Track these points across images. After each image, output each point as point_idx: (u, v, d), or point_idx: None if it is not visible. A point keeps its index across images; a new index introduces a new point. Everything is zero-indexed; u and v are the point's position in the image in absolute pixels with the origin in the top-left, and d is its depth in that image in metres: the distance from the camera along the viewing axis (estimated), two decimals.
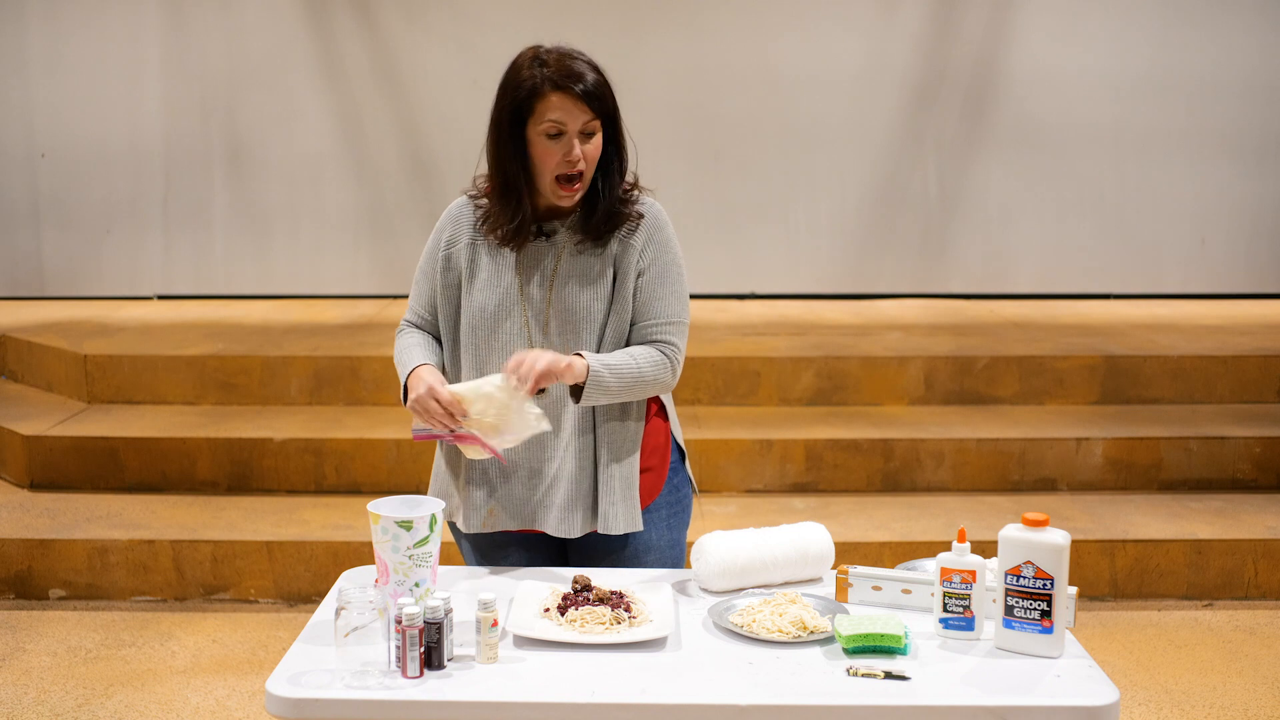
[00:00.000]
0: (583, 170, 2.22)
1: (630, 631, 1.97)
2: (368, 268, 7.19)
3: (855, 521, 4.38)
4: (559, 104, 2.18)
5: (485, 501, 2.33)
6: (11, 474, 4.87)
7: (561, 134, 2.19)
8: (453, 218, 2.37)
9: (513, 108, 2.20)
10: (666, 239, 2.32)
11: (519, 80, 2.20)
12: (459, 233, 2.34)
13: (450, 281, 2.35)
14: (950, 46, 7.03)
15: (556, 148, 2.20)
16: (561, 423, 2.29)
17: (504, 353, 2.28)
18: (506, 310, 2.29)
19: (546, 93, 2.18)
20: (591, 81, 2.19)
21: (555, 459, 2.30)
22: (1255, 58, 7.03)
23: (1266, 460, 4.74)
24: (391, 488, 4.61)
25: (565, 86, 2.17)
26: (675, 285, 2.31)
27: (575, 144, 2.19)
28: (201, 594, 4.23)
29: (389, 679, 1.83)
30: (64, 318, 6.45)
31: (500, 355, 2.28)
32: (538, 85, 2.18)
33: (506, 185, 2.25)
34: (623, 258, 2.28)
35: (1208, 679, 3.63)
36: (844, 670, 1.87)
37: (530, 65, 2.20)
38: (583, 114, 2.19)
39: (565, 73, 2.18)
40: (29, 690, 3.54)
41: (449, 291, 2.35)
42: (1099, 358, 5.28)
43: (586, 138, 2.21)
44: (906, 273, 7.18)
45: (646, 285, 2.29)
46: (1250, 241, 7.20)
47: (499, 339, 2.30)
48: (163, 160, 7.14)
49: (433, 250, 2.37)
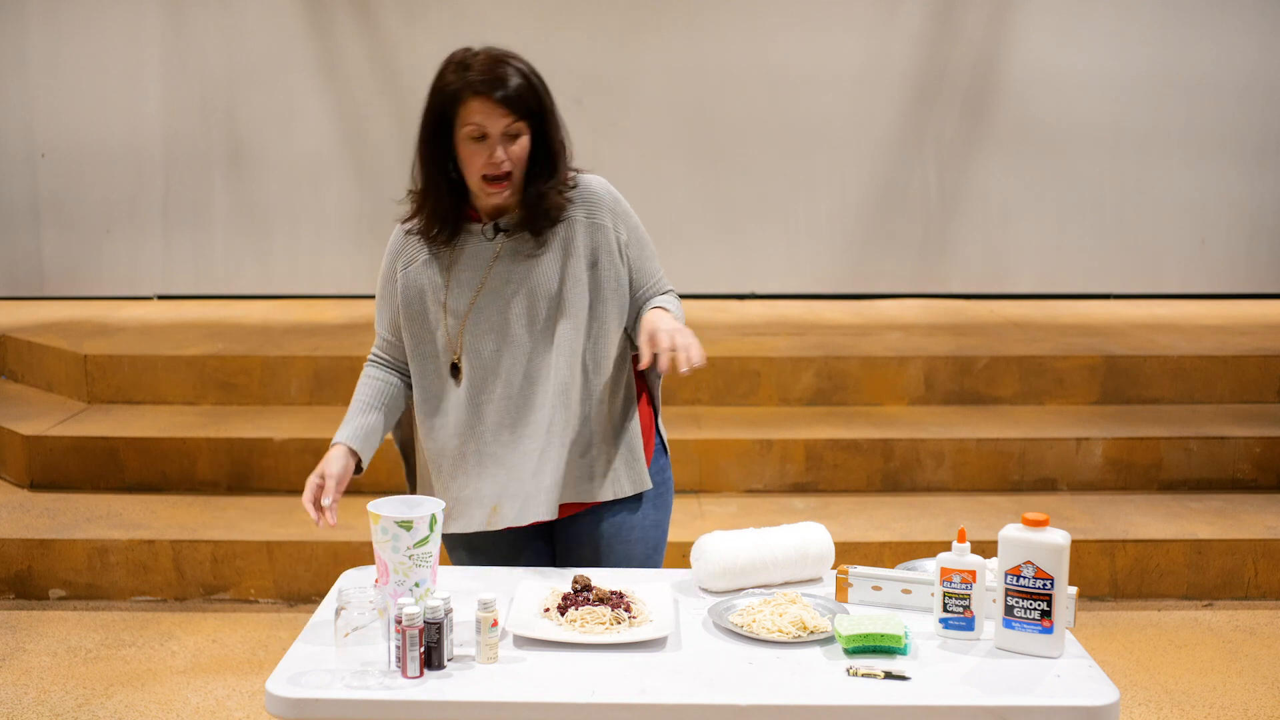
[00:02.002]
0: (508, 170, 2.25)
1: (630, 631, 1.97)
2: (368, 268, 7.18)
3: (855, 521, 4.38)
4: (479, 109, 2.20)
5: (488, 499, 2.33)
6: (11, 474, 4.87)
7: (485, 137, 2.22)
8: (403, 240, 2.40)
9: (437, 112, 2.24)
10: (624, 205, 2.39)
11: (443, 85, 2.24)
12: (414, 253, 2.38)
13: (412, 299, 2.36)
14: (950, 46, 7.02)
15: (480, 150, 2.23)
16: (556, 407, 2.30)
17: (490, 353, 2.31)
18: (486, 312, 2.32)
19: (467, 98, 2.20)
20: (513, 86, 2.21)
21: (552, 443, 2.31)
22: (1255, 58, 7.03)
23: (1266, 460, 4.75)
24: (391, 488, 4.60)
25: (484, 92, 2.20)
26: (650, 245, 2.42)
27: (498, 147, 2.22)
28: (201, 594, 4.23)
29: (389, 679, 1.83)
30: (64, 318, 6.45)
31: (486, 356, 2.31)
32: (458, 91, 2.21)
33: (438, 192, 2.30)
34: (596, 235, 2.33)
35: (1208, 679, 3.63)
36: (844, 670, 1.87)
37: (454, 70, 2.23)
38: (504, 118, 2.21)
39: (487, 78, 2.20)
40: (29, 690, 3.54)
41: (411, 309, 2.37)
42: (1099, 358, 5.28)
43: (511, 139, 2.23)
44: (906, 273, 7.18)
45: (633, 255, 2.37)
46: (1250, 241, 7.20)
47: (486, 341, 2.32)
48: (163, 160, 7.14)
49: (389, 275, 2.40)
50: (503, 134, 2.22)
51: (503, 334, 2.32)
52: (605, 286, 2.34)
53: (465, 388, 2.33)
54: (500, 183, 2.25)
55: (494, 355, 2.32)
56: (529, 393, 2.31)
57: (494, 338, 2.32)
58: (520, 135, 2.24)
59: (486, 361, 2.32)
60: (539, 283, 2.31)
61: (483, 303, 2.32)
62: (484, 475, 2.34)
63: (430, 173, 2.29)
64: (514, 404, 2.32)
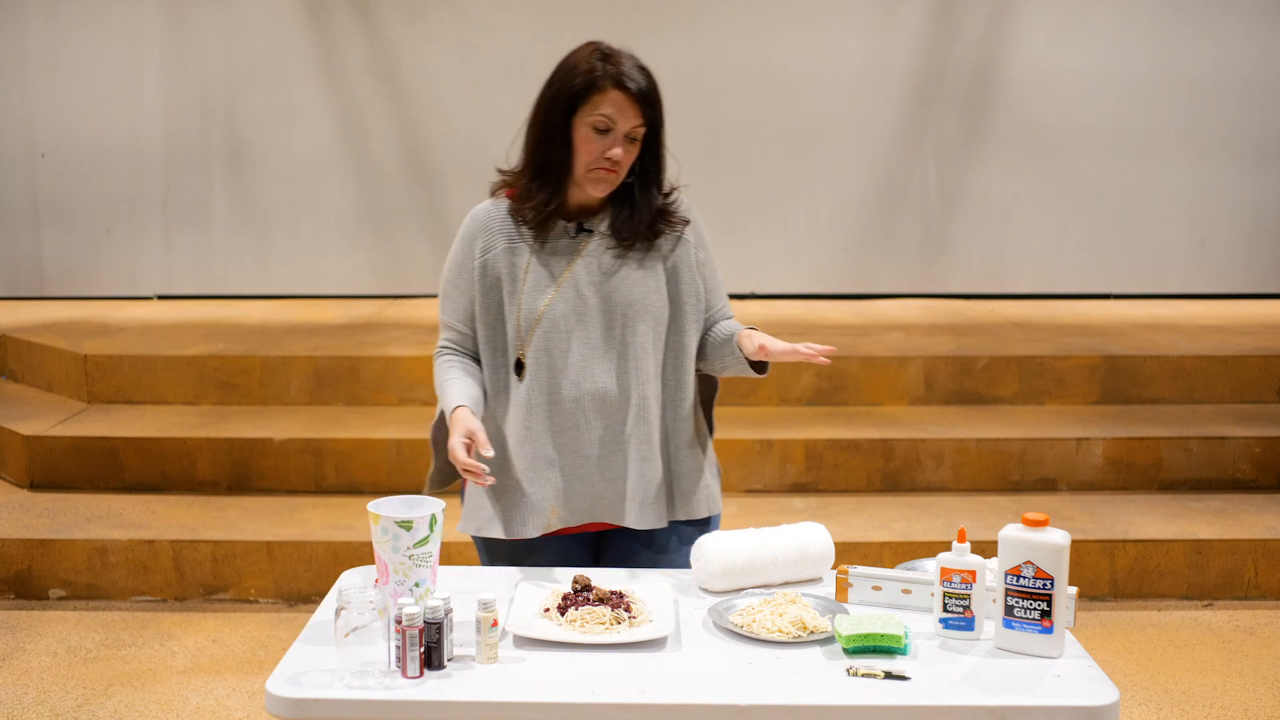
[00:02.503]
0: (619, 170, 2.25)
1: (630, 631, 1.97)
2: (368, 268, 7.19)
3: (855, 521, 4.38)
4: (615, 101, 2.21)
5: (547, 502, 2.31)
6: (11, 474, 4.87)
7: (609, 130, 2.21)
8: (485, 225, 2.34)
9: (568, 94, 2.22)
10: (704, 232, 2.43)
11: (577, 69, 2.23)
12: (493, 239, 2.32)
13: (489, 289, 2.31)
14: (950, 46, 7.02)
15: (600, 143, 2.22)
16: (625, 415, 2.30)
17: (559, 351, 2.28)
18: (556, 310, 2.28)
19: (606, 88, 2.20)
20: (647, 87, 2.23)
21: (619, 450, 2.30)
22: (1255, 58, 7.03)
23: (1266, 460, 4.74)
24: (391, 488, 4.61)
25: (624, 86, 2.21)
26: (719, 271, 2.47)
27: (619, 144, 2.22)
28: (201, 594, 4.23)
29: (389, 679, 1.83)
30: (64, 318, 6.44)
31: (555, 354, 2.28)
32: (597, 79, 2.21)
33: (545, 167, 2.27)
34: (678, 249, 2.35)
35: (1208, 679, 3.63)
36: (844, 670, 1.87)
37: (591, 58, 2.23)
38: (634, 117, 2.22)
39: (626, 73, 2.21)
40: (29, 690, 3.54)
41: (490, 299, 2.31)
42: (1099, 358, 5.28)
43: (630, 142, 2.24)
44: (906, 273, 7.18)
45: (708, 277, 2.40)
46: (1250, 241, 7.20)
47: (554, 338, 2.28)
48: (163, 160, 7.14)
49: (464, 262, 2.33)
50: (626, 134, 2.22)
51: (575, 336, 2.29)
52: (686, 301, 2.35)
53: (528, 385, 2.29)
54: (611, 172, 2.24)
55: (563, 356, 2.28)
56: (600, 399, 2.29)
57: (565, 338, 2.29)
58: (636, 141, 2.25)
59: (555, 362, 2.28)
60: (617, 288, 2.29)
61: (558, 302, 2.29)
62: (540, 479, 2.31)
63: (553, 153, 2.26)
64: (582, 408, 2.29)
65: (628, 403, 2.30)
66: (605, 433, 2.30)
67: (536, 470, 2.30)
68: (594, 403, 2.29)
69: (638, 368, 2.29)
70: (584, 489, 2.32)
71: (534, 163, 2.29)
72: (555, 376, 2.29)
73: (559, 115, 2.24)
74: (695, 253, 2.38)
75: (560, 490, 2.31)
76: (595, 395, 2.29)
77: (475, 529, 2.38)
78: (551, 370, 2.29)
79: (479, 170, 8.30)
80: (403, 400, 5.25)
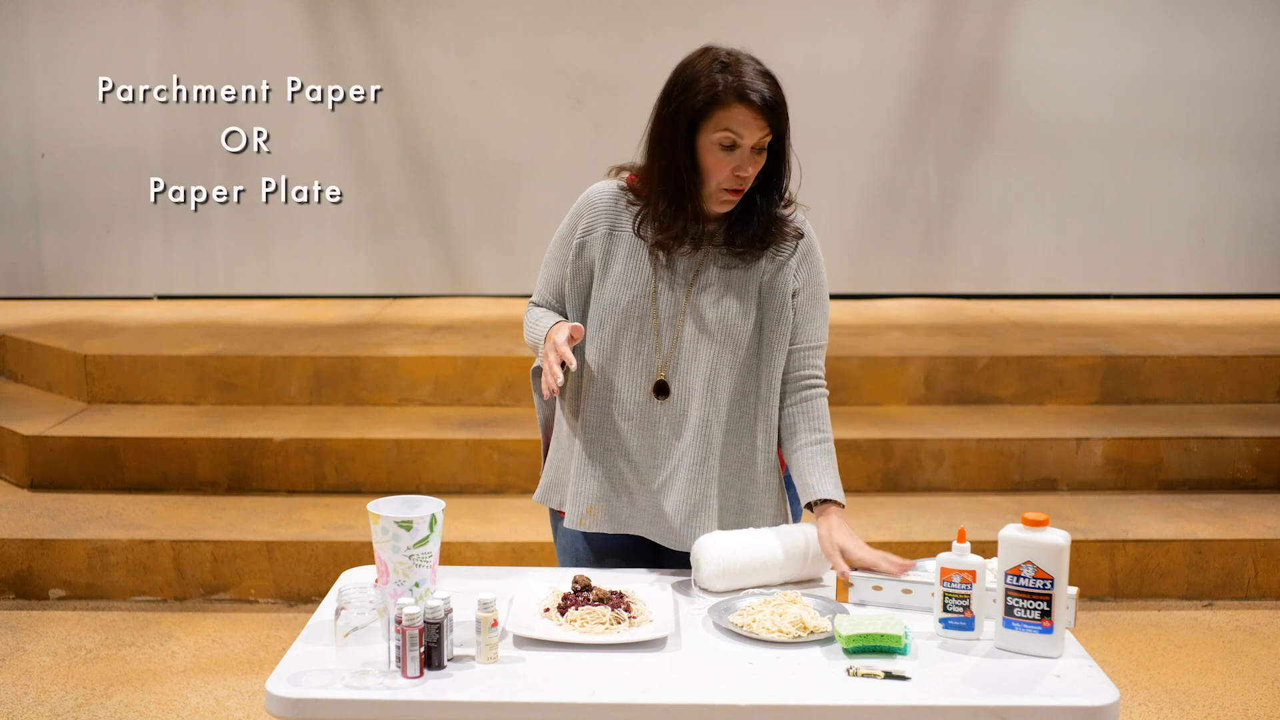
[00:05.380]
0: (746, 186, 2.16)
1: (630, 631, 1.97)
2: (368, 268, 7.19)
3: (855, 522, 4.34)
4: (740, 116, 2.09)
5: (585, 498, 2.28)
6: (11, 474, 4.87)
7: (736, 146, 2.11)
8: (593, 205, 2.28)
9: (690, 111, 2.11)
10: (818, 260, 2.29)
11: (697, 83, 2.11)
12: (596, 221, 2.27)
13: (581, 269, 2.27)
14: (950, 46, 7.02)
15: (728, 160, 2.12)
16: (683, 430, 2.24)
17: (630, 350, 2.23)
18: (640, 308, 2.23)
19: (730, 103, 2.09)
20: (775, 99, 2.11)
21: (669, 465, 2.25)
22: (1255, 58, 7.02)
23: (1266, 460, 4.74)
24: (391, 488, 4.61)
25: (748, 99, 2.09)
26: (824, 307, 2.30)
27: (749, 160, 2.12)
28: (201, 594, 4.23)
29: (389, 679, 1.83)
30: (64, 318, 6.44)
31: (626, 352, 2.23)
32: (720, 93, 2.09)
33: (679, 189, 2.16)
34: (776, 276, 2.24)
35: (1208, 679, 3.63)
36: (844, 670, 1.87)
37: (711, 70, 2.11)
38: (760, 129, 2.11)
39: (749, 84, 2.09)
40: (29, 690, 3.54)
41: (579, 280, 2.28)
42: (1099, 358, 5.28)
43: (757, 154, 2.13)
44: (906, 273, 7.18)
45: (801, 306, 2.26)
46: (1250, 241, 7.20)
47: (627, 336, 2.24)
48: (163, 160, 7.14)
49: (566, 236, 2.30)
50: (754, 146, 2.12)
51: (646, 338, 2.24)
52: (773, 329, 2.24)
53: (590, 376, 2.26)
54: (739, 193, 2.15)
55: (633, 357, 2.24)
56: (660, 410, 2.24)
57: (636, 338, 2.24)
58: (764, 151, 2.14)
59: (621, 360, 2.24)
60: (704, 300, 2.22)
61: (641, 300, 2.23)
62: (584, 474, 2.28)
63: (685, 175, 2.14)
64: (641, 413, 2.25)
65: (685, 419, 2.23)
66: (658, 443, 2.24)
67: (584, 463, 2.27)
68: (654, 411, 2.24)
69: (706, 385, 2.22)
70: (628, 496, 2.27)
71: (666, 189, 2.18)
72: (618, 375, 2.24)
73: (682, 134, 2.13)
74: (793, 280, 2.24)
75: (600, 491, 2.27)
76: (654, 404, 2.23)
77: (541, 497, 2.39)
78: (615, 367, 2.24)
79: (479, 170, 8.31)
80: (403, 400, 5.25)
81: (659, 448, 2.25)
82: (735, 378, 2.25)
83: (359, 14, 7.03)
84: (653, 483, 2.26)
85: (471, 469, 4.67)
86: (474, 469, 4.67)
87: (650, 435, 2.25)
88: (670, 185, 2.17)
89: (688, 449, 2.24)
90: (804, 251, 2.27)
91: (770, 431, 2.29)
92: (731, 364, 2.24)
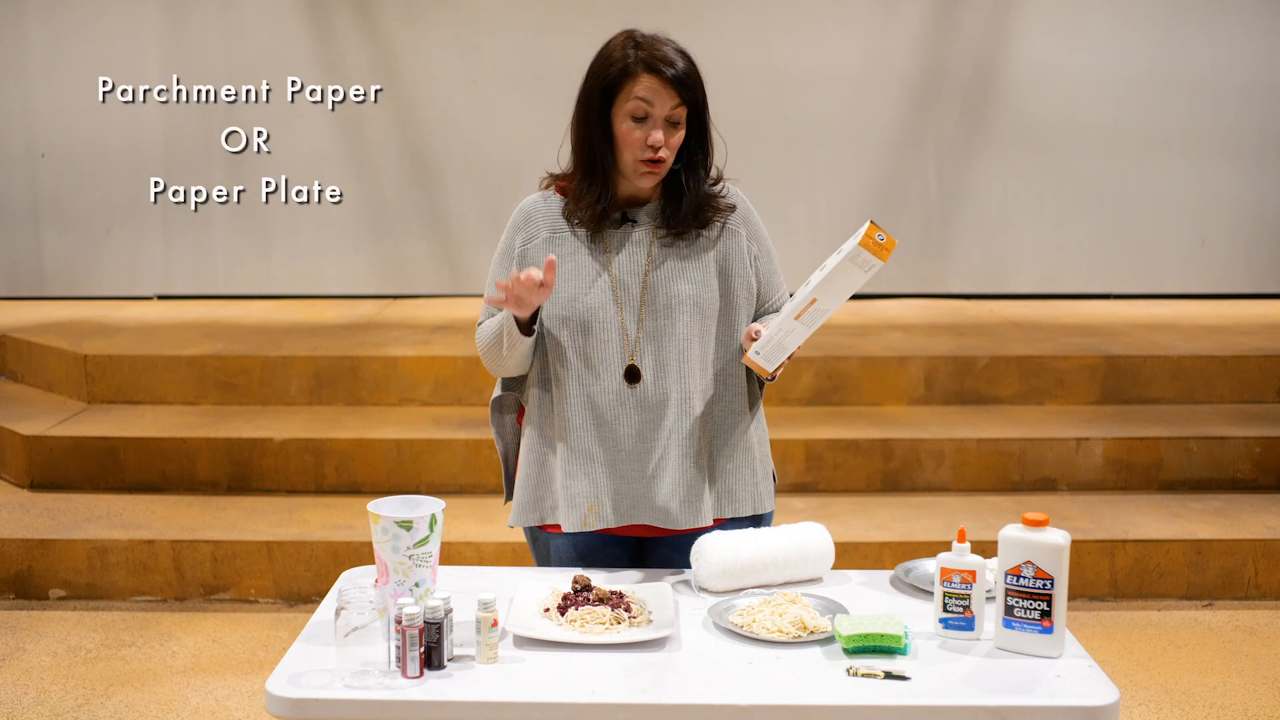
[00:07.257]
0: (664, 157, 2.21)
1: (630, 631, 1.97)
2: (368, 268, 7.19)
3: (855, 521, 4.38)
4: (648, 85, 2.18)
5: (583, 498, 2.28)
6: (11, 474, 4.87)
7: (647, 116, 2.19)
8: (528, 215, 2.33)
9: (602, 86, 2.21)
10: (757, 218, 2.40)
11: (610, 59, 2.21)
12: (536, 229, 2.31)
13: None
14: (950, 46, 7.02)
15: (640, 130, 2.19)
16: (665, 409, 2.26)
17: (597, 342, 2.25)
18: (596, 298, 2.25)
19: (638, 73, 2.18)
20: (683, 69, 2.20)
21: (660, 446, 2.26)
22: (1255, 58, 7.03)
23: (1266, 460, 4.74)
24: (391, 488, 4.61)
25: (656, 69, 2.18)
26: (776, 261, 2.43)
27: (659, 129, 2.19)
28: (201, 594, 4.23)
29: (389, 679, 1.83)
30: (64, 318, 6.44)
31: (594, 345, 2.25)
32: (630, 65, 2.18)
33: (591, 164, 2.24)
34: (731, 247, 2.32)
35: (1208, 679, 3.63)
36: (844, 670, 1.87)
37: (624, 46, 2.21)
38: (670, 99, 2.19)
39: (658, 56, 2.18)
40: (29, 690, 3.54)
41: None
42: (1099, 358, 5.28)
43: (671, 127, 2.20)
44: (906, 273, 7.17)
45: (761, 269, 2.37)
46: (1250, 241, 7.20)
47: (591, 329, 2.25)
48: (163, 160, 7.14)
49: (506, 251, 2.33)
50: (665, 118, 2.19)
51: (614, 327, 2.26)
52: (737, 294, 2.32)
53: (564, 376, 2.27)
54: (657, 164, 2.21)
55: (602, 347, 2.25)
56: (639, 393, 2.25)
57: (603, 329, 2.26)
58: (679, 125, 2.21)
59: (592, 353, 2.25)
60: (661, 279, 2.26)
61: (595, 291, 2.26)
62: (577, 474, 2.27)
63: (597, 149, 2.23)
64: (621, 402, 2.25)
65: (667, 397, 2.26)
66: (644, 427, 2.26)
67: (574, 464, 2.27)
68: (632, 396, 2.25)
69: (680, 361, 2.26)
70: (624, 486, 2.27)
71: (582, 162, 2.26)
72: (590, 369, 2.25)
73: (596, 109, 2.22)
74: (748, 245, 2.35)
75: (600, 487, 2.27)
76: (633, 388, 2.25)
77: (518, 520, 2.36)
78: (587, 361, 2.25)
79: (479, 170, 8.30)
80: (403, 400, 5.25)
81: (645, 432, 2.27)
82: (707, 349, 2.30)
83: (359, 14, 7.03)
84: (647, 467, 2.27)
85: (471, 469, 4.67)
86: (474, 469, 4.67)
87: (634, 421, 2.26)
88: (587, 160, 2.25)
89: (674, 427, 2.27)
90: (743, 215, 2.37)
91: (754, 395, 2.39)
92: (701, 336, 2.29)
